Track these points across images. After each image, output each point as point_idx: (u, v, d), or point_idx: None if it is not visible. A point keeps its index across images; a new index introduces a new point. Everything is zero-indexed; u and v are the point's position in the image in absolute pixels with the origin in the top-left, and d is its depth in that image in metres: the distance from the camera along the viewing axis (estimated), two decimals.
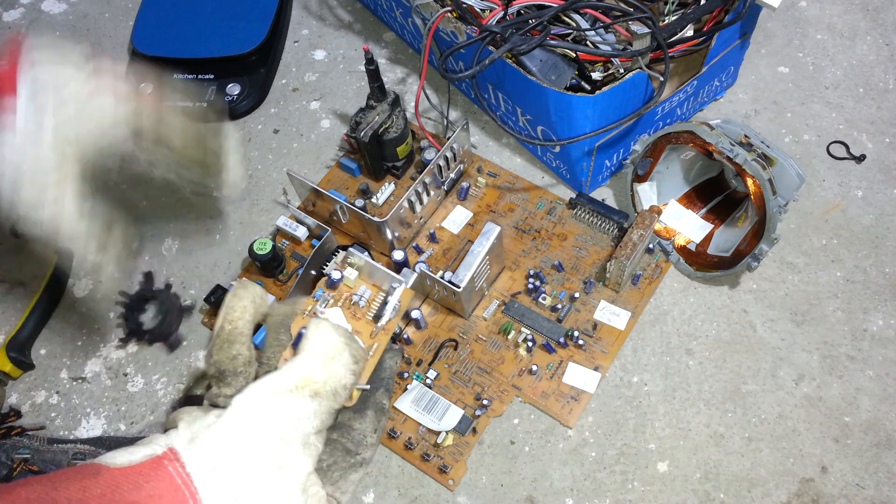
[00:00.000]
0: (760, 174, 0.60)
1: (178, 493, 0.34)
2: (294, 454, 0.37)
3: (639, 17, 0.62)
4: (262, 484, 0.36)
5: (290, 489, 0.37)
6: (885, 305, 0.66)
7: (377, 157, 0.72)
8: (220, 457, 0.36)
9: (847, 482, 0.59)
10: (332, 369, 0.40)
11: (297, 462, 0.37)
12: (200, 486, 0.34)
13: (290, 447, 0.37)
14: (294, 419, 0.38)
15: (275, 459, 0.37)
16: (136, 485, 0.34)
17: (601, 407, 0.63)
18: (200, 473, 0.35)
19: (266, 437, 0.37)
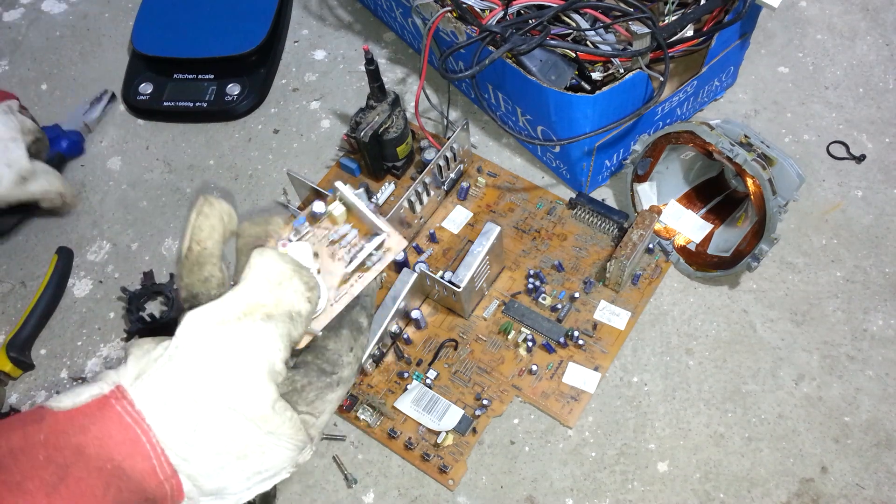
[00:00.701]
0: (760, 174, 0.60)
1: (129, 431, 0.33)
2: (254, 381, 0.35)
3: (639, 17, 0.62)
4: (222, 414, 0.34)
5: (254, 416, 0.35)
6: (885, 305, 0.66)
7: (377, 157, 0.72)
8: (171, 390, 0.34)
9: (847, 482, 0.59)
10: (281, 293, 0.37)
11: (258, 389, 0.35)
12: (153, 423, 0.33)
13: (248, 374, 0.35)
14: (248, 345, 0.35)
15: (232, 388, 0.35)
16: (81, 427, 0.32)
17: (601, 407, 0.63)
18: (151, 409, 0.33)
19: (219, 367, 0.34)
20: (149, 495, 0.33)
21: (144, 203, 0.77)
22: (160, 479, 0.33)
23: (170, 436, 0.33)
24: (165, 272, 0.72)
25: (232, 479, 0.36)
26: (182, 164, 0.79)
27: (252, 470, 0.36)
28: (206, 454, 0.34)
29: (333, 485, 0.61)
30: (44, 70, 0.87)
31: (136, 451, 0.33)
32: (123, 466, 0.32)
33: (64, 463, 0.31)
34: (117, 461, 0.32)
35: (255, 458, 0.36)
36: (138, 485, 0.33)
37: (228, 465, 0.35)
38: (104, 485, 0.32)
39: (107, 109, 0.83)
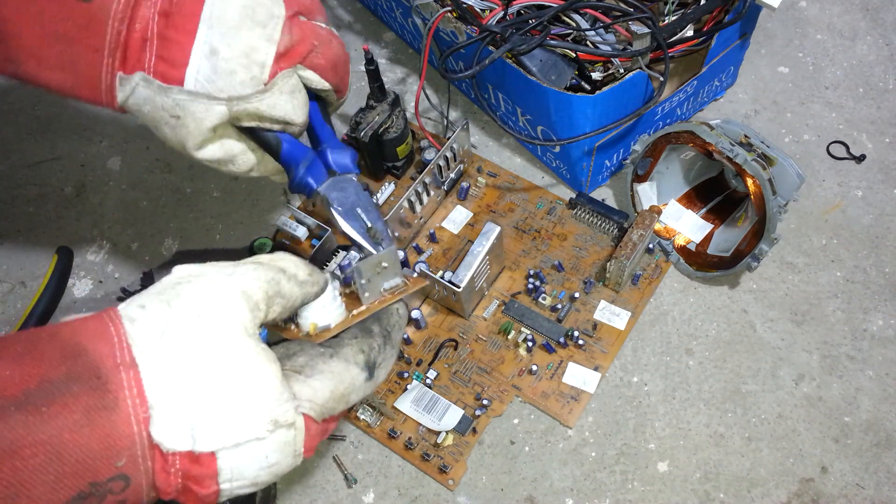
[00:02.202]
0: (760, 174, 0.60)
1: (100, 322, 0.35)
2: (227, 295, 0.37)
3: (639, 17, 0.62)
4: (193, 319, 0.36)
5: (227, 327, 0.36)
6: (885, 305, 0.66)
7: (377, 157, 0.72)
8: (148, 298, 0.36)
9: (847, 482, 0.59)
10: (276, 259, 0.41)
11: (231, 303, 0.37)
12: (126, 320, 0.35)
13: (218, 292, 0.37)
14: (225, 273, 0.38)
15: (205, 298, 0.36)
16: (66, 323, 0.36)
17: (601, 407, 0.63)
18: (127, 311, 0.36)
19: (194, 282, 0.37)
20: (102, 374, 0.34)
21: (144, 203, 0.77)
22: (116, 363, 0.34)
23: (138, 332, 0.35)
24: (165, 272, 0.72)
25: (197, 401, 0.35)
26: (182, 164, 0.79)
27: (219, 396, 0.35)
28: (168, 357, 0.35)
29: (333, 485, 0.61)
30: None
31: (100, 335, 0.35)
32: (85, 346, 0.34)
33: (36, 340, 0.35)
34: (82, 343, 0.34)
35: (222, 379, 0.35)
36: (93, 362, 0.34)
37: (193, 380, 0.35)
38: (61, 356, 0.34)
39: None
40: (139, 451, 0.34)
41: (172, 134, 0.48)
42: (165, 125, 0.48)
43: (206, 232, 0.75)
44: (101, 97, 0.47)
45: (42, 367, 0.33)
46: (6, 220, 0.77)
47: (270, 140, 0.51)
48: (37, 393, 0.32)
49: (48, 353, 0.34)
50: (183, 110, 0.47)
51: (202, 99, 0.46)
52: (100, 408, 0.33)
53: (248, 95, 0.47)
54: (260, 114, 0.48)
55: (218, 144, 0.50)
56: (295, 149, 0.52)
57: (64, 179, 0.79)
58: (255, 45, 0.46)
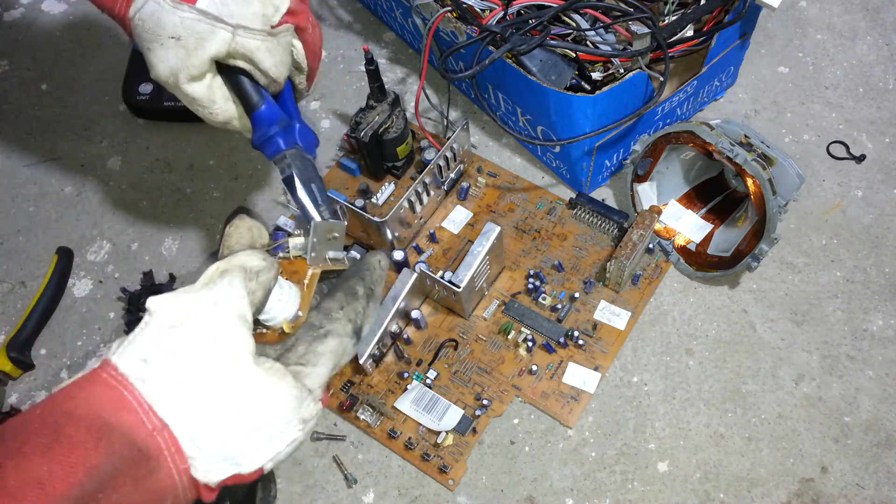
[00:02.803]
0: (760, 174, 0.60)
1: (114, 390, 0.34)
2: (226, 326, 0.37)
3: (639, 17, 0.62)
4: (200, 363, 0.36)
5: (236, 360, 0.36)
6: (885, 305, 0.66)
7: (377, 157, 0.72)
8: (149, 350, 0.35)
9: (847, 482, 0.59)
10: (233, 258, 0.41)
11: (231, 332, 0.37)
12: (136, 381, 0.35)
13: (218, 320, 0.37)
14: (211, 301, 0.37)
15: (206, 335, 0.36)
16: (71, 395, 0.34)
17: (601, 407, 0.63)
18: (132, 369, 0.35)
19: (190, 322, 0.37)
20: (140, 445, 0.34)
21: (144, 203, 0.77)
22: (149, 430, 0.34)
23: (154, 391, 0.35)
24: (165, 272, 0.72)
25: (233, 437, 0.36)
26: (182, 164, 0.79)
27: (251, 425, 0.36)
28: (193, 406, 0.35)
29: (333, 485, 0.61)
30: (44, 70, 0.87)
31: (122, 405, 0.34)
32: (111, 421, 0.34)
33: (56, 426, 0.33)
34: (105, 417, 0.34)
35: (249, 410, 0.36)
36: (127, 436, 0.34)
37: (222, 420, 0.36)
38: (95, 438, 0.33)
39: None
40: (181, 491, 0.35)
41: (164, 57, 0.47)
42: (161, 46, 0.47)
43: (206, 232, 0.75)
44: (116, 6, 0.48)
45: (79, 454, 0.33)
46: (6, 220, 0.77)
47: (252, 95, 0.51)
48: (88, 483, 0.32)
49: (78, 438, 0.33)
50: (186, 30, 0.46)
51: (210, 20, 0.46)
52: (145, 475, 0.34)
53: (254, 31, 0.47)
54: (255, 56, 0.48)
55: (206, 83, 0.49)
56: (273, 108, 0.52)
57: (64, 179, 0.79)
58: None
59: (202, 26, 0.46)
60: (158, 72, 0.48)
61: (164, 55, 0.47)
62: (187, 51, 0.47)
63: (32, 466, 0.32)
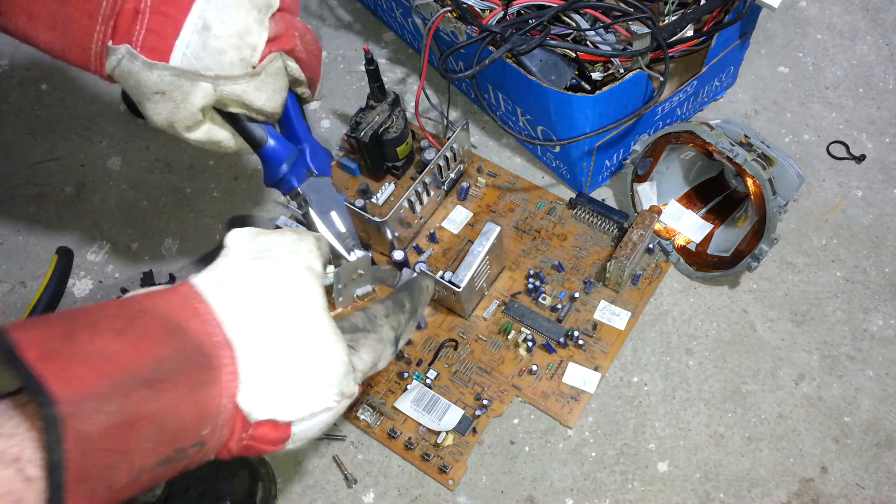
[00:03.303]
0: (760, 174, 0.60)
1: (189, 301, 0.36)
2: (297, 270, 0.39)
3: (639, 17, 0.62)
4: (275, 296, 0.38)
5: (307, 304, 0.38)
6: (885, 305, 0.66)
7: (377, 157, 0.72)
8: (229, 273, 0.38)
9: (847, 482, 0.59)
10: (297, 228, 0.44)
11: (303, 277, 0.39)
12: (211, 298, 0.37)
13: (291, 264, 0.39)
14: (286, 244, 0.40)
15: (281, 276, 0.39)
16: (147, 297, 0.37)
17: (601, 407, 0.63)
18: (210, 287, 0.37)
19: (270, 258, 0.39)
20: (206, 352, 0.35)
21: (144, 203, 0.77)
22: (215, 342, 0.36)
23: (227, 310, 0.37)
24: (165, 272, 0.72)
25: (284, 377, 0.37)
26: (182, 164, 0.79)
27: (302, 374, 0.38)
28: (258, 333, 0.37)
29: (333, 485, 0.61)
30: (44, 70, 0.87)
31: (194, 314, 0.36)
32: (183, 325, 0.35)
33: (130, 315, 0.35)
34: (177, 320, 0.35)
35: (305, 354, 0.38)
36: (195, 340, 0.35)
37: (279, 355, 0.37)
38: (166, 332, 0.35)
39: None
40: (222, 419, 0.36)
41: (156, 110, 0.47)
42: (149, 101, 0.47)
43: (206, 232, 0.75)
44: (91, 64, 0.47)
45: (150, 343, 0.34)
46: (6, 220, 0.77)
47: (255, 133, 0.51)
48: (155, 369, 0.34)
49: (151, 329, 0.35)
50: (168, 85, 0.46)
51: (189, 75, 0.46)
52: (203, 383, 0.35)
53: (236, 77, 0.47)
54: (245, 98, 0.48)
55: (204, 128, 0.49)
56: (280, 145, 0.52)
57: (64, 179, 0.79)
58: (250, 26, 0.46)
59: (182, 81, 0.46)
60: (155, 122, 0.48)
61: (155, 108, 0.47)
62: (175, 103, 0.47)
63: (105, 342, 0.33)
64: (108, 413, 0.32)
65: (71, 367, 0.32)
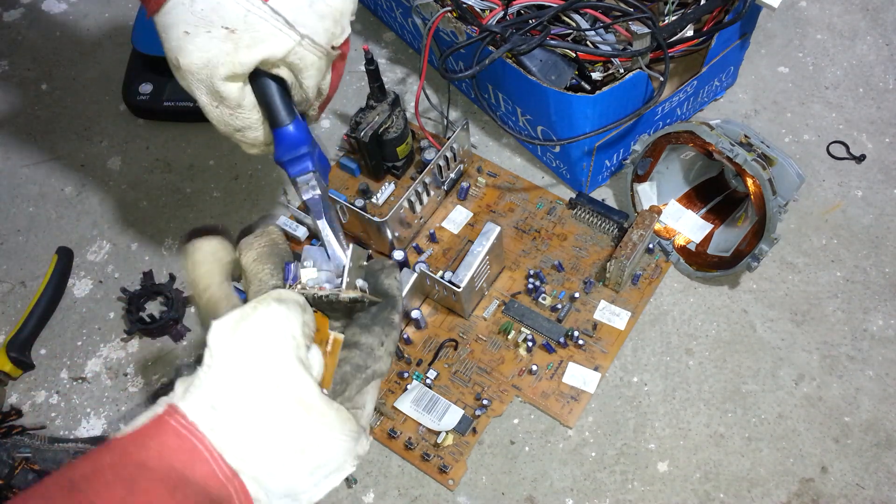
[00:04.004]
0: (760, 174, 0.60)
1: (185, 441, 0.34)
2: (287, 366, 0.37)
3: (639, 17, 0.62)
4: (269, 406, 0.36)
5: (303, 402, 0.37)
6: (885, 305, 0.66)
7: (377, 157, 0.72)
8: (216, 396, 0.35)
9: (847, 482, 0.59)
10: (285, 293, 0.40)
11: (293, 373, 0.37)
12: (206, 430, 0.35)
13: (279, 361, 0.37)
14: (268, 331, 0.37)
15: (269, 378, 0.36)
16: (142, 445, 0.34)
17: (601, 407, 0.63)
18: (202, 417, 0.35)
19: (251, 361, 0.36)
20: (213, 496, 0.34)
21: (144, 203, 0.77)
22: (222, 481, 0.35)
23: (223, 439, 0.35)
24: (165, 272, 0.72)
25: (296, 476, 0.37)
26: (182, 164, 0.79)
27: (313, 464, 0.37)
28: (261, 452, 0.36)
29: None
30: (44, 70, 0.87)
31: (195, 457, 0.34)
32: (185, 473, 0.34)
33: (130, 478, 0.33)
34: (178, 469, 0.34)
35: (313, 450, 0.37)
36: (201, 487, 0.34)
37: (288, 461, 0.36)
38: (170, 490, 0.33)
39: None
40: None
41: (206, 46, 0.42)
42: (208, 34, 0.42)
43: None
44: None
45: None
46: (6, 220, 0.77)
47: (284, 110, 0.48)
48: None
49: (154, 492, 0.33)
50: (246, 25, 0.42)
51: (280, 22, 0.43)
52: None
53: (319, 45, 0.45)
54: (308, 70, 0.46)
55: (240, 84, 0.45)
56: (304, 128, 0.50)
57: (64, 179, 0.79)
58: (347, 9, 0.46)
59: (266, 26, 0.43)
60: (192, 59, 0.43)
61: (207, 44, 0.42)
62: (236, 46, 0.43)
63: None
64: None
65: None
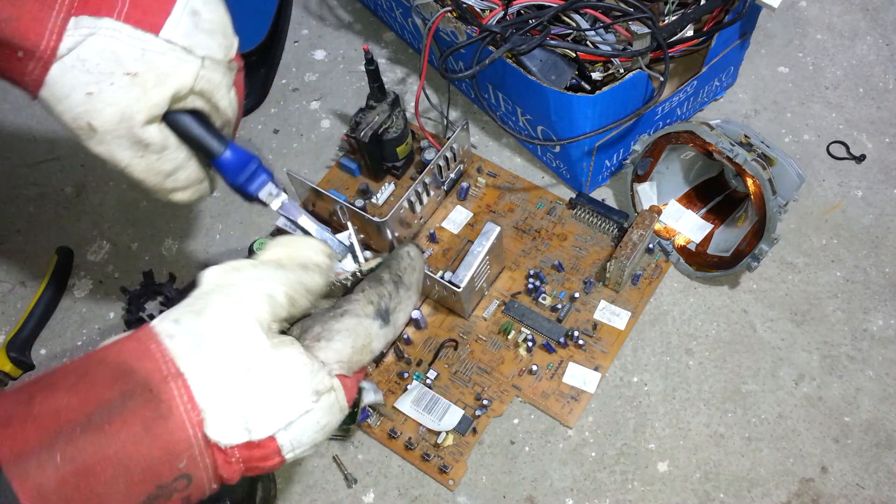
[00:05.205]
0: (760, 174, 0.60)
1: (141, 343, 0.36)
2: (248, 301, 0.38)
3: (639, 17, 0.62)
4: (219, 324, 0.37)
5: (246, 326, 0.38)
6: (885, 305, 0.66)
7: (377, 157, 0.72)
8: (181, 312, 0.37)
9: (847, 482, 0.59)
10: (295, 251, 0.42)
11: (250, 306, 0.38)
12: (163, 337, 0.37)
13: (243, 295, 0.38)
14: (249, 277, 0.39)
15: (229, 305, 0.38)
16: (107, 347, 0.37)
17: (601, 407, 0.63)
18: (163, 327, 0.37)
19: (222, 290, 0.38)
20: (152, 387, 0.35)
21: (144, 203, 0.77)
22: (163, 375, 0.36)
23: (177, 345, 0.36)
24: (165, 272, 0.72)
25: (244, 397, 0.37)
26: None
27: (263, 389, 0.37)
28: (209, 361, 0.36)
29: (333, 485, 0.61)
30: None
31: (145, 355, 0.36)
32: (133, 366, 0.36)
33: (86, 369, 0.36)
34: (128, 362, 0.36)
35: (261, 373, 0.37)
36: (142, 378, 0.35)
37: (235, 379, 0.37)
38: (113, 378, 0.35)
39: None
40: (197, 450, 0.36)
41: (114, 98, 0.41)
42: (111, 86, 0.41)
43: (206, 232, 0.75)
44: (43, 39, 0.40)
45: (96, 390, 0.35)
46: (6, 220, 0.77)
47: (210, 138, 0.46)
48: (97, 414, 0.34)
49: (100, 377, 0.36)
50: (147, 64, 0.41)
51: (177, 51, 0.42)
52: (156, 418, 0.35)
53: (220, 62, 0.44)
54: (216, 93, 0.45)
55: (160, 126, 0.44)
56: (240, 149, 0.48)
57: (64, 179, 0.79)
58: (227, 22, 0.46)
59: (166, 60, 0.42)
60: (106, 117, 0.42)
61: (115, 96, 0.41)
62: (145, 89, 0.41)
63: (56, 398, 0.35)
64: (56, 464, 0.32)
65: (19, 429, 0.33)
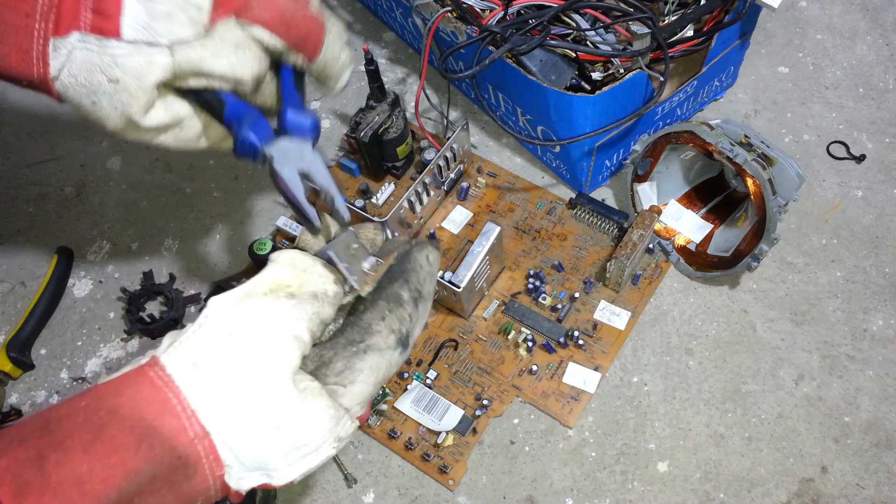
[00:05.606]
0: (760, 174, 0.60)
1: (159, 392, 0.35)
2: (277, 348, 0.37)
3: (639, 17, 0.62)
4: (247, 376, 0.36)
5: (277, 378, 0.36)
6: (885, 305, 0.66)
7: (377, 157, 0.72)
8: (199, 354, 0.36)
9: (847, 482, 0.59)
10: (305, 278, 0.40)
11: (281, 355, 0.37)
12: (182, 385, 0.35)
13: (271, 341, 0.37)
14: (271, 316, 0.37)
15: (257, 353, 0.36)
16: (117, 392, 0.35)
17: (601, 407, 0.63)
18: (180, 371, 0.35)
19: (245, 333, 0.37)
20: (180, 452, 0.34)
21: (144, 203, 0.77)
22: (190, 437, 0.35)
23: (199, 397, 0.35)
24: (165, 272, 0.72)
25: (270, 451, 0.36)
26: (182, 164, 0.79)
27: (289, 444, 0.37)
28: (236, 418, 0.35)
29: (333, 485, 0.61)
30: None
31: (166, 409, 0.34)
32: (154, 424, 0.34)
33: (100, 423, 0.34)
34: (148, 420, 0.34)
35: (289, 429, 0.37)
36: (169, 442, 0.34)
37: (263, 435, 0.36)
38: (136, 440, 0.34)
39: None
40: (212, 493, 0.36)
41: (112, 104, 0.44)
42: (104, 95, 0.43)
43: (206, 232, 0.75)
44: (33, 69, 0.43)
45: (119, 456, 0.33)
46: (6, 220, 0.77)
47: (212, 101, 0.46)
48: (126, 487, 0.33)
49: (120, 439, 0.34)
50: (122, 69, 0.42)
51: (143, 48, 0.42)
52: (182, 480, 0.35)
53: (190, 40, 0.43)
54: (204, 66, 0.44)
55: (163, 106, 0.45)
56: (238, 107, 0.47)
57: (64, 179, 0.79)
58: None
59: (136, 59, 0.42)
60: (114, 123, 0.45)
61: (111, 103, 0.44)
62: (130, 93, 0.43)
63: (74, 463, 0.33)
64: None
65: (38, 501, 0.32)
